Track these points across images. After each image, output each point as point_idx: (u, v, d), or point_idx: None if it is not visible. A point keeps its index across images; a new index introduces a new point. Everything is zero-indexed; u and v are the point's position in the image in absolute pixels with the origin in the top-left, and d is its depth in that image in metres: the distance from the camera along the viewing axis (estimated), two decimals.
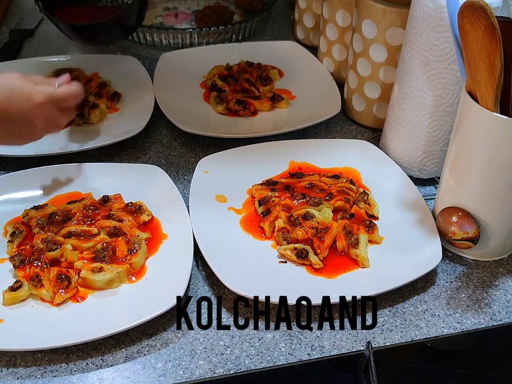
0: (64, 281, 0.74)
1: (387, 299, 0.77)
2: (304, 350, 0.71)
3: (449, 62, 0.83)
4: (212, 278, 0.79)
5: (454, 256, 0.84)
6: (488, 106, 0.72)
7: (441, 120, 0.88)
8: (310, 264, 0.78)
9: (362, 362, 0.69)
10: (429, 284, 0.80)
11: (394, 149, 0.96)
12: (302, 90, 1.13)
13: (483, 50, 0.69)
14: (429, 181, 0.96)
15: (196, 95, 1.11)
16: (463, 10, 0.68)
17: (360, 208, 0.86)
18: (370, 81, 1.02)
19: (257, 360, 0.70)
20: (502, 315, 0.76)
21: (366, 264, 0.78)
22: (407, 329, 0.74)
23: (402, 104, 0.91)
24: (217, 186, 0.90)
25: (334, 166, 0.95)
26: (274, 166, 0.94)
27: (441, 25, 0.81)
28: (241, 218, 0.86)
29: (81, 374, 0.68)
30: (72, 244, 0.79)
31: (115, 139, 0.97)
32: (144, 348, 0.71)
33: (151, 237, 0.82)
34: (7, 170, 0.94)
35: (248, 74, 1.12)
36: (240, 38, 1.31)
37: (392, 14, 0.93)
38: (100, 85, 1.08)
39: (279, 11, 1.46)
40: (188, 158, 1.00)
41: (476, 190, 0.78)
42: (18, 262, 0.76)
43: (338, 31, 1.12)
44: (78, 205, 0.85)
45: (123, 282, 0.76)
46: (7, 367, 0.69)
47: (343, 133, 1.07)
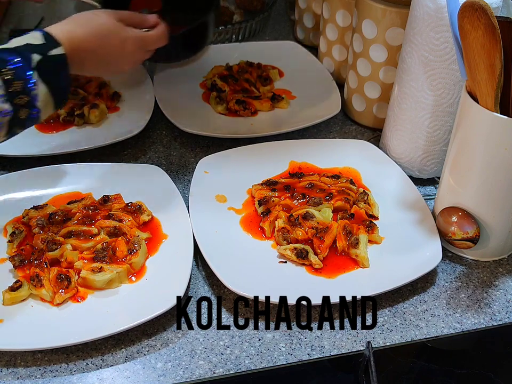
0: (64, 281, 0.74)
1: (387, 299, 0.77)
2: (304, 350, 0.71)
3: (449, 62, 0.83)
4: (211, 278, 0.79)
5: (454, 256, 0.84)
6: (488, 106, 0.72)
7: (441, 120, 0.88)
8: (310, 264, 0.78)
9: (362, 362, 0.69)
10: (429, 284, 0.80)
11: (394, 149, 0.96)
12: (302, 90, 1.13)
13: (483, 50, 0.69)
14: (429, 181, 0.96)
15: (196, 95, 1.11)
16: (463, 10, 0.68)
17: (360, 208, 0.86)
18: (370, 81, 1.02)
19: (257, 360, 0.70)
20: (502, 315, 0.76)
21: (366, 264, 0.78)
22: (407, 329, 0.74)
23: (402, 104, 0.91)
24: (217, 186, 0.90)
25: (334, 166, 0.95)
26: (274, 166, 0.94)
27: (441, 25, 0.81)
28: (241, 218, 0.86)
29: (81, 374, 0.68)
30: (72, 244, 0.79)
31: (115, 139, 0.97)
32: (144, 348, 0.71)
33: (151, 237, 0.82)
34: (7, 170, 0.94)
35: (248, 74, 1.12)
36: (240, 38, 1.31)
37: (392, 14, 0.93)
38: (100, 85, 1.08)
39: (279, 11, 1.46)
40: (187, 158, 1.00)
41: (476, 190, 0.78)
42: (18, 262, 0.76)
43: (338, 31, 1.12)
44: (78, 205, 0.85)
45: (123, 282, 0.76)
46: (7, 367, 0.69)
47: (343, 133, 1.07)
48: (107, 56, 0.80)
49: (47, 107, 0.71)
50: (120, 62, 0.82)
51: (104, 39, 0.78)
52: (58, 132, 1.01)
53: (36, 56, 0.69)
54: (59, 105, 0.74)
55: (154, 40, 0.84)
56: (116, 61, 0.82)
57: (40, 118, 0.72)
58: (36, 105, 0.69)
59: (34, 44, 0.71)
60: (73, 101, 1.04)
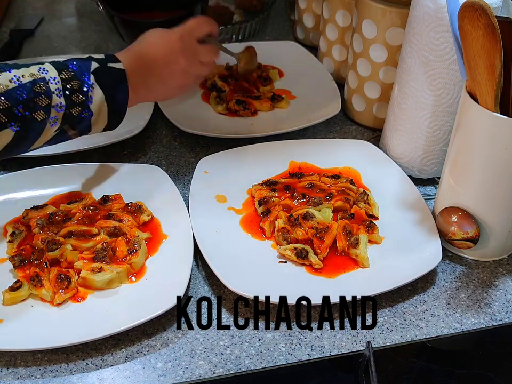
0: (64, 281, 0.74)
1: (387, 299, 0.77)
2: (304, 350, 0.71)
3: (449, 62, 0.83)
4: (211, 278, 0.79)
5: (454, 256, 0.84)
6: (488, 106, 0.72)
7: (441, 120, 0.88)
8: (310, 264, 0.78)
9: (362, 362, 0.69)
10: (429, 284, 0.80)
11: (394, 149, 0.96)
12: (302, 90, 1.13)
13: (483, 50, 0.69)
14: (429, 181, 0.96)
15: (196, 95, 1.11)
16: (463, 10, 0.68)
17: (360, 208, 0.86)
18: (370, 81, 1.02)
19: (257, 360, 0.70)
20: (502, 315, 0.76)
21: (366, 264, 0.78)
22: (407, 329, 0.74)
23: (402, 104, 0.91)
24: (217, 186, 0.90)
25: (334, 166, 0.95)
26: (274, 166, 0.94)
27: (441, 25, 0.81)
28: (241, 218, 0.86)
29: (81, 374, 0.68)
30: (72, 244, 0.79)
31: (115, 139, 0.97)
32: (144, 348, 0.71)
33: (151, 237, 0.82)
34: (7, 170, 0.94)
35: (248, 74, 1.12)
36: (240, 38, 1.31)
37: (392, 14, 0.93)
38: None
39: (279, 11, 1.46)
40: (187, 158, 1.00)
41: (476, 190, 0.78)
42: (18, 262, 0.76)
43: (338, 31, 1.12)
44: (78, 205, 0.85)
45: (123, 282, 0.76)
46: (7, 367, 0.69)
47: (343, 133, 1.07)
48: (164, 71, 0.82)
49: (100, 116, 0.74)
50: (178, 76, 0.84)
51: (166, 56, 0.81)
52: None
53: (94, 63, 0.74)
54: (114, 120, 0.77)
55: (208, 52, 0.86)
56: (174, 77, 0.83)
57: (91, 125, 0.74)
58: (89, 107, 0.72)
59: (96, 57, 0.75)
60: None
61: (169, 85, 0.84)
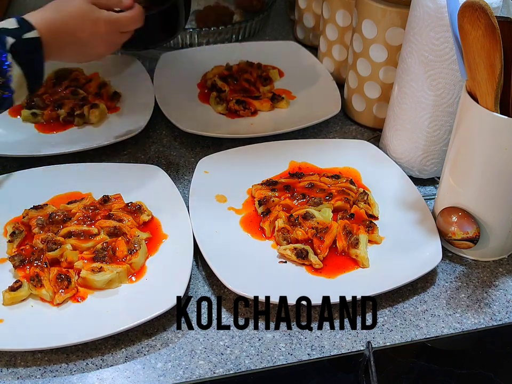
0: (64, 281, 0.74)
1: (387, 299, 0.77)
2: (304, 350, 0.71)
3: (449, 62, 0.83)
4: (211, 278, 0.79)
5: (454, 256, 0.84)
6: (488, 106, 0.72)
7: (441, 120, 0.88)
8: (310, 264, 0.78)
9: (362, 362, 0.69)
10: (429, 284, 0.80)
11: (394, 149, 0.96)
12: (302, 90, 1.12)
13: (483, 50, 0.69)
14: (429, 181, 0.96)
15: (196, 95, 1.11)
16: (463, 10, 0.68)
17: (360, 208, 0.86)
18: (370, 81, 1.02)
19: (257, 360, 0.70)
20: (502, 315, 0.76)
21: (366, 264, 0.78)
22: (407, 329, 0.74)
23: (402, 104, 0.91)
24: (217, 186, 0.90)
25: (334, 166, 0.95)
26: (274, 166, 0.94)
27: (441, 25, 0.81)
28: (241, 218, 0.86)
29: (81, 374, 0.68)
30: (72, 244, 0.79)
31: (115, 139, 0.97)
32: (144, 348, 0.71)
33: (151, 237, 0.82)
34: (7, 170, 0.93)
35: (248, 74, 1.12)
36: (240, 38, 1.31)
37: (392, 14, 0.93)
38: (99, 85, 1.08)
39: (279, 11, 1.46)
40: (187, 158, 1.00)
41: (476, 190, 0.78)
42: (18, 262, 0.76)
43: (338, 31, 1.12)
44: (78, 205, 0.85)
45: (123, 282, 0.76)
46: (7, 367, 0.69)
47: (343, 133, 1.07)
48: (82, 39, 0.80)
49: (21, 90, 0.73)
50: (96, 44, 0.82)
51: (78, 21, 0.79)
52: (58, 132, 1.01)
53: (10, 39, 0.72)
54: (33, 89, 0.76)
55: (128, 21, 0.84)
56: (91, 44, 0.82)
57: (13, 100, 0.74)
58: (9, 86, 0.71)
59: (9, 28, 0.73)
60: (73, 101, 1.04)
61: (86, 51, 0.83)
